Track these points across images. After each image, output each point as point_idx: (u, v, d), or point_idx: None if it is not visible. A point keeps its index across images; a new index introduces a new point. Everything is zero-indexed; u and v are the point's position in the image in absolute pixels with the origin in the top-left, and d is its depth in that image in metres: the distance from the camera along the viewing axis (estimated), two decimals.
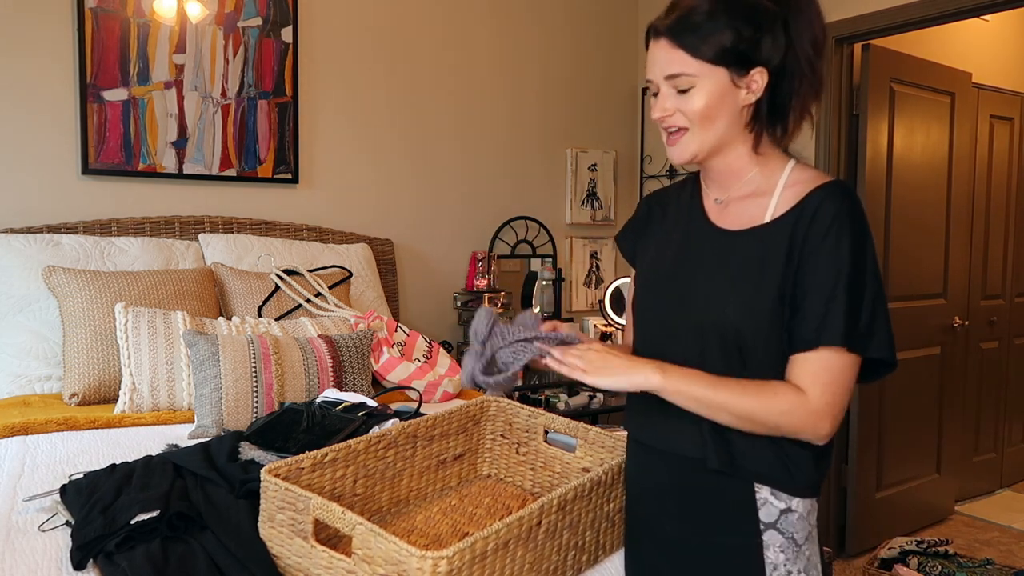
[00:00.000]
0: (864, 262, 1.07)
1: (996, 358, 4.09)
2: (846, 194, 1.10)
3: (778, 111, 1.15)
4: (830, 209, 1.08)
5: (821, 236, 1.07)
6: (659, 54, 1.15)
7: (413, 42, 3.35)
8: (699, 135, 1.15)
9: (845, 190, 1.11)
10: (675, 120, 1.16)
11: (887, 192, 3.28)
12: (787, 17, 1.10)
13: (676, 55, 1.12)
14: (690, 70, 1.12)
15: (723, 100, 1.13)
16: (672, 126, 1.17)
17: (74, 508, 1.37)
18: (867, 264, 1.08)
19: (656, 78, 1.16)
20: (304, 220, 3.12)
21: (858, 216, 1.09)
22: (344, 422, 1.73)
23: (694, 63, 1.11)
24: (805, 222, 1.09)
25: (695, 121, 1.14)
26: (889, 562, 2.88)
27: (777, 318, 1.09)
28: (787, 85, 1.13)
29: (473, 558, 1.05)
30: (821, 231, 1.07)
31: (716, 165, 1.20)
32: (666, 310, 1.20)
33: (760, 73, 1.12)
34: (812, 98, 1.16)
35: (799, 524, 1.13)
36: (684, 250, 1.23)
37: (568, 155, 3.83)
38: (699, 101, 1.13)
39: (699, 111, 1.13)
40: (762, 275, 1.11)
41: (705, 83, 1.12)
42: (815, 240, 1.07)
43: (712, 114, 1.13)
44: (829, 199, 1.09)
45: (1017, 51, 4.14)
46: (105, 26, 2.67)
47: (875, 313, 1.07)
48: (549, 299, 3.67)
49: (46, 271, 2.35)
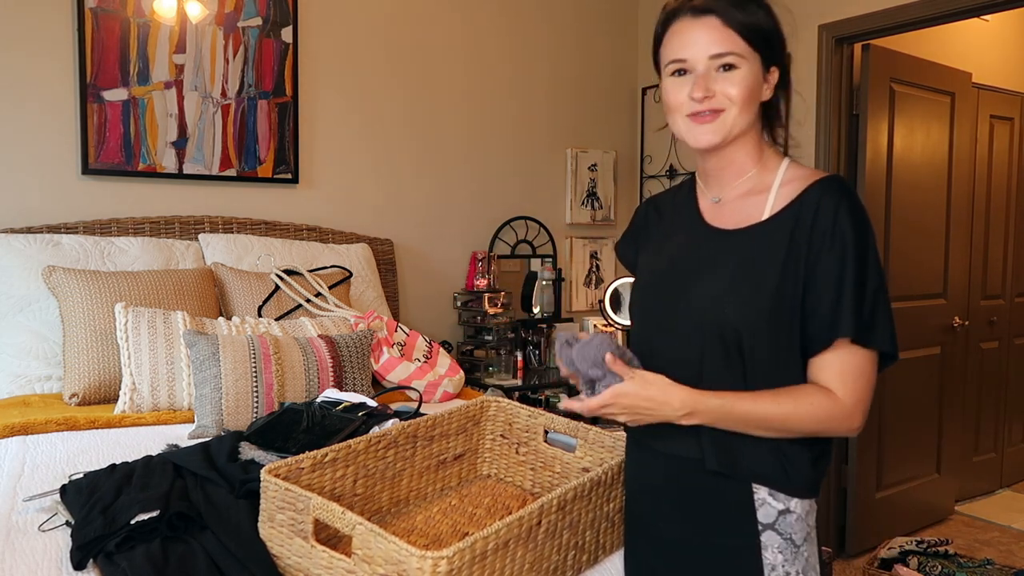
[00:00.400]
0: (867, 255, 1.09)
1: (996, 358, 4.09)
2: (844, 189, 1.11)
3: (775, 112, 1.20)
4: (830, 205, 1.09)
5: (826, 235, 1.08)
6: (705, 33, 1.12)
7: (413, 42, 3.35)
8: (737, 117, 1.14)
9: (842, 185, 1.12)
10: (716, 102, 1.13)
11: (887, 192, 3.28)
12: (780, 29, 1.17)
13: (727, 34, 1.12)
14: (740, 50, 1.12)
15: (758, 87, 1.15)
16: (714, 108, 1.14)
17: (74, 508, 1.37)
18: (869, 257, 1.09)
19: (697, 56, 1.13)
20: (304, 220, 3.12)
21: (858, 210, 1.10)
22: (344, 422, 1.73)
23: (743, 44, 1.12)
24: (806, 220, 1.10)
25: (737, 103, 1.13)
26: (889, 562, 2.88)
27: (776, 316, 1.09)
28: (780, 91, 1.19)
29: (473, 558, 1.05)
30: (825, 230, 1.08)
31: (723, 157, 1.20)
32: (665, 311, 1.20)
33: (774, 72, 1.17)
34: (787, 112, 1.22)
35: (797, 525, 1.13)
36: (682, 251, 1.23)
37: (568, 155, 3.83)
38: (745, 82, 1.13)
39: (743, 93, 1.13)
40: (761, 273, 1.11)
41: (749, 66, 1.13)
42: (820, 240, 1.08)
43: (752, 98, 1.14)
44: (827, 195, 1.10)
45: (1017, 51, 4.14)
46: (105, 26, 2.67)
47: (876, 305, 1.09)
48: (549, 299, 3.67)
49: (46, 271, 2.35)
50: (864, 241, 1.08)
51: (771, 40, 1.15)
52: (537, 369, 3.52)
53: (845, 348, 1.08)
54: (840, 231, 1.07)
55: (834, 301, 1.07)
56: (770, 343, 1.10)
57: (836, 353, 1.09)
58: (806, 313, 1.09)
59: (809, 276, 1.09)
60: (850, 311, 1.06)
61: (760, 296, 1.10)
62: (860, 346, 1.09)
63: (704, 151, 1.19)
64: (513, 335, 3.43)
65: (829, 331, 1.08)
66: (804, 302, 1.09)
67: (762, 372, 1.10)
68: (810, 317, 1.09)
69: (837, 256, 1.07)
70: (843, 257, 1.07)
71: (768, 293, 1.09)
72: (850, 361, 1.09)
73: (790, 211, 1.12)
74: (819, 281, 1.08)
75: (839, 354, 1.09)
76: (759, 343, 1.10)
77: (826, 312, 1.07)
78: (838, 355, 1.09)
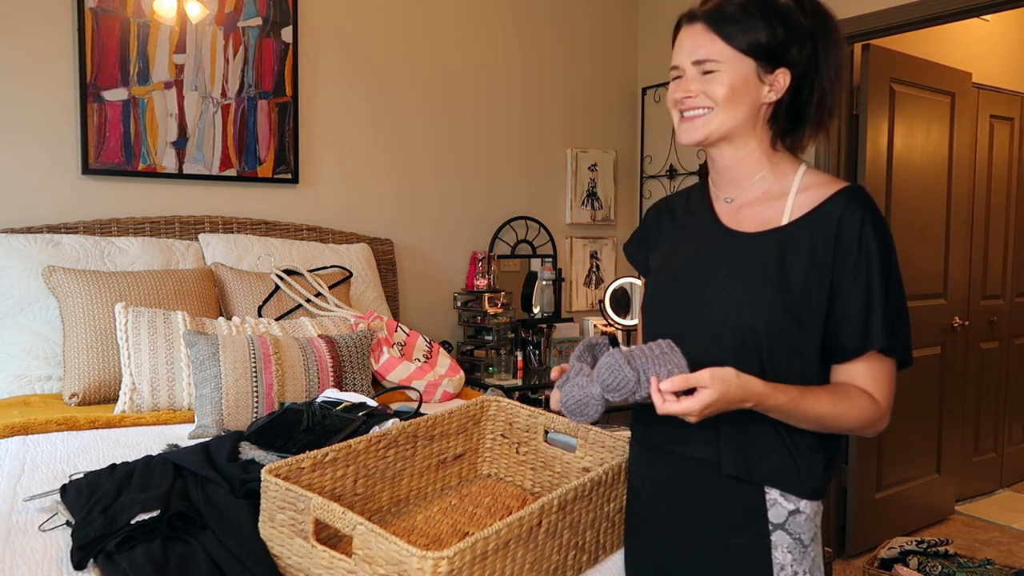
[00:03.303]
0: (891, 267, 1.11)
1: (996, 358, 4.09)
2: (867, 201, 1.13)
3: (795, 117, 1.19)
4: (855, 218, 1.11)
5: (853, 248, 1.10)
6: (691, 39, 1.18)
7: (412, 42, 3.35)
8: (719, 116, 1.17)
9: (865, 196, 1.14)
10: (698, 101, 1.17)
11: (887, 192, 3.28)
12: (817, 34, 1.16)
13: (708, 39, 1.16)
14: (719, 55, 1.15)
15: (746, 89, 1.16)
16: (694, 107, 1.18)
17: (74, 508, 1.37)
18: (892, 269, 1.12)
19: (683, 62, 1.19)
20: (304, 220, 3.12)
21: (880, 222, 1.12)
22: (344, 422, 1.73)
23: (725, 49, 1.15)
24: (830, 231, 1.11)
25: (718, 103, 1.16)
26: (889, 562, 2.88)
27: (798, 321, 1.11)
28: (807, 95, 1.18)
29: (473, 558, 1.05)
30: (851, 243, 1.10)
31: (726, 157, 1.21)
32: (681, 313, 1.20)
33: (784, 74, 1.16)
34: (827, 118, 1.20)
35: (806, 525, 1.14)
36: (698, 253, 1.23)
37: (568, 155, 3.83)
38: (723, 84, 1.15)
39: (723, 94, 1.15)
40: (783, 279, 1.12)
41: (731, 68, 1.15)
42: (846, 253, 1.10)
43: (735, 99, 1.16)
44: (851, 207, 1.11)
45: (1017, 51, 4.14)
46: (105, 26, 2.67)
47: (898, 316, 1.11)
48: (549, 299, 3.67)
49: (46, 271, 2.35)
50: (889, 254, 1.11)
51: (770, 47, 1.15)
52: (537, 369, 3.52)
53: (875, 357, 1.12)
54: (866, 245, 1.10)
55: (865, 313, 1.10)
56: (789, 347, 1.11)
57: (867, 361, 1.12)
58: (834, 322, 1.11)
59: (836, 287, 1.11)
60: (880, 323, 1.09)
61: (781, 300, 1.11)
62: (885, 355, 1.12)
63: (695, 147, 1.22)
64: (513, 335, 3.43)
65: (862, 341, 1.10)
66: (831, 311, 1.11)
67: (779, 374, 1.11)
68: (840, 326, 1.11)
69: (864, 269, 1.10)
70: (870, 270, 1.09)
71: (790, 298, 1.11)
72: (881, 368, 1.13)
73: (811, 218, 1.13)
74: (848, 293, 1.10)
75: (872, 361, 1.12)
76: (776, 346, 1.11)
77: (858, 324, 1.10)
78: (869, 363, 1.12)
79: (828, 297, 1.11)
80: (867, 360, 1.12)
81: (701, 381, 1.01)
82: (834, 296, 1.11)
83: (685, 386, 1.02)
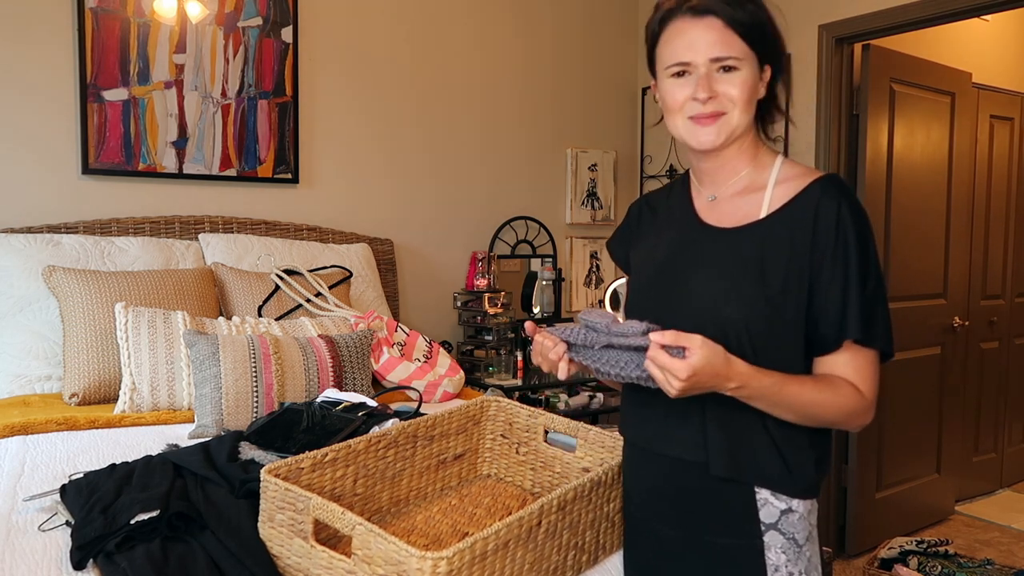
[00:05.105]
0: (868, 256, 1.10)
1: (996, 358, 4.09)
2: (843, 189, 1.12)
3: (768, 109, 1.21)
4: (831, 207, 1.10)
5: (829, 237, 1.09)
6: (706, 34, 1.11)
7: (413, 42, 3.35)
8: (738, 118, 1.14)
9: (840, 184, 1.13)
10: (720, 104, 1.13)
11: (887, 192, 3.28)
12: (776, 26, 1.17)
13: (728, 35, 1.11)
14: (740, 52, 1.12)
15: (755, 87, 1.15)
16: (716, 111, 1.13)
17: (74, 508, 1.37)
18: (870, 258, 1.10)
19: (698, 59, 1.12)
20: (304, 220, 3.12)
21: (857, 209, 1.11)
22: (344, 422, 1.73)
23: (743, 46, 1.12)
24: (807, 221, 1.10)
25: (739, 104, 1.13)
26: (889, 562, 2.88)
27: (780, 315, 1.10)
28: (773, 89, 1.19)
29: (473, 558, 1.05)
30: (828, 232, 1.09)
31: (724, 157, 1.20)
32: (663, 311, 1.19)
33: (767, 70, 1.17)
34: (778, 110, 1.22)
35: (800, 524, 1.13)
36: (679, 250, 1.22)
37: (568, 155, 3.83)
38: (746, 84, 1.13)
39: (744, 95, 1.13)
40: (764, 272, 1.11)
41: (748, 67, 1.13)
42: (823, 242, 1.09)
43: (751, 98, 1.15)
44: (827, 196, 1.11)
45: (1017, 51, 4.14)
46: (105, 26, 2.67)
47: (875, 306, 1.10)
48: (549, 299, 3.67)
49: (46, 271, 2.35)
50: (866, 242, 1.10)
51: (768, 39, 1.15)
52: (537, 369, 3.52)
53: (855, 348, 1.10)
54: (843, 233, 1.08)
55: (841, 303, 1.08)
56: (772, 340, 1.11)
57: (847, 353, 1.11)
58: (815, 314, 1.10)
59: (814, 277, 1.10)
60: (856, 313, 1.08)
61: (763, 294, 1.10)
62: (864, 346, 1.11)
63: (705, 152, 1.19)
64: (513, 335, 3.42)
65: (838, 333, 1.09)
66: (812, 303, 1.10)
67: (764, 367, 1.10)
68: (820, 318, 1.10)
69: (842, 260, 1.08)
70: (847, 261, 1.08)
71: (771, 292, 1.10)
72: (863, 360, 1.11)
73: (789, 210, 1.13)
74: (826, 283, 1.09)
75: (850, 353, 1.11)
76: (760, 340, 1.10)
77: (834, 314, 1.09)
78: (850, 354, 1.11)
79: (808, 289, 1.10)
80: (847, 352, 1.10)
81: (693, 341, 0.99)
82: (814, 288, 1.10)
83: (676, 342, 0.99)
